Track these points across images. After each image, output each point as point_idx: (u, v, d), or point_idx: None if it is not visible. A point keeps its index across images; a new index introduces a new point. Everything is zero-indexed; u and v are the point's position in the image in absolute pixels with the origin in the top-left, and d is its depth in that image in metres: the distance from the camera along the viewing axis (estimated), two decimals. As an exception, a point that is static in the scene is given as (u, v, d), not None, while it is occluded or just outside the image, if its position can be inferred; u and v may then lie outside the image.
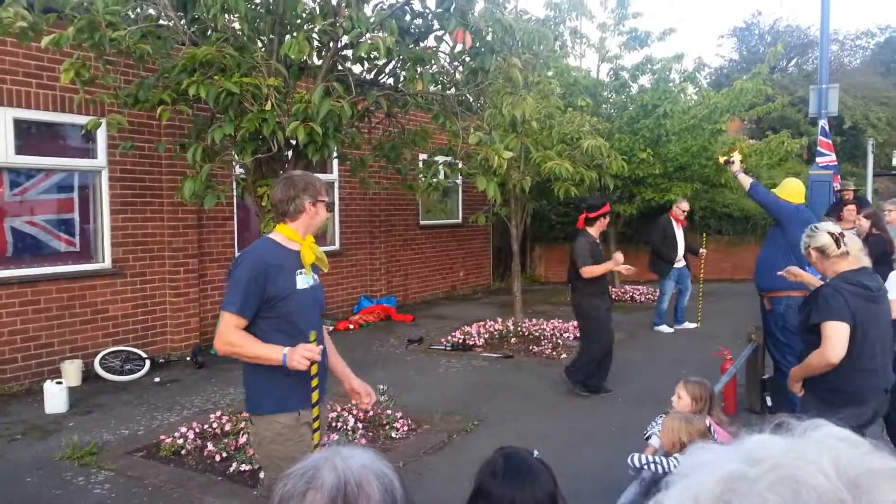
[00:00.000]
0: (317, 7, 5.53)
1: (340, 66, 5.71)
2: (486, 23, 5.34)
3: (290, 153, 5.48)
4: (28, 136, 7.44)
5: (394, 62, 5.85)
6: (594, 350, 7.04)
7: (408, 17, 5.69)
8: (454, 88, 6.23)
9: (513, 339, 9.42)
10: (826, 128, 11.61)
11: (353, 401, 3.60)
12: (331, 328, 9.86)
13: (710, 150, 12.18)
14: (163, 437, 5.59)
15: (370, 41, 4.87)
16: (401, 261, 12.90)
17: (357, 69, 5.97)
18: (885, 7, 51.07)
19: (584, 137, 8.76)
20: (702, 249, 10.44)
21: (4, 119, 7.12)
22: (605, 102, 13.70)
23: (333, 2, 5.40)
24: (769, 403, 6.25)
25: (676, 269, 10.32)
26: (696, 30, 58.63)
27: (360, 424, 5.85)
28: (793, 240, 5.16)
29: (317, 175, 3.54)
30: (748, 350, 6.28)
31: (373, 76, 6.05)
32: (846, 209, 7.87)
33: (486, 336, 9.51)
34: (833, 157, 11.67)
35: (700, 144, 11.97)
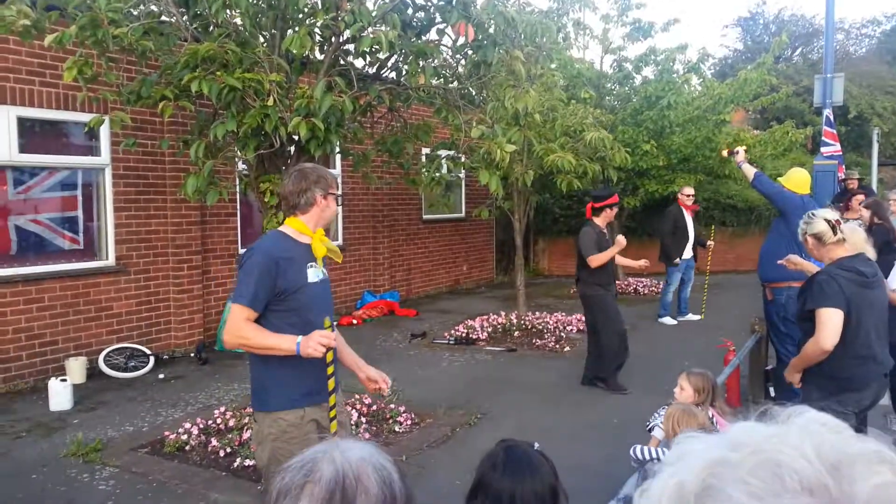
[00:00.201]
0: (318, 1, 5.51)
1: (342, 61, 5.69)
2: (489, 15, 5.32)
3: (293, 149, 5.48)
4: (32, 135, 7.46)
5: (396, 56, 5.84)
6: (608, 342, 6.92)
7: (410, 11, 5.67)
8: (457, 82, 6.21)
9: (516, 333, 9.42)
10: (831, 117, 11.56)
11: (370, 389, 3.54)
12: (335, 323, 9.86)
13: (714, 142, 12.13)
14: (167, 433, 5.61)
15: (372, 35, 4.85)
16: (404, 255, 12.90)
17: (359, 63, 5.95)
18: (891, -4, 50.72)
19: (588, 130, 8.74)
20: (710, 241, 10.42)
21: (8, 117, 7.13)
22: (609, 94, 13.67)
23: (335, -4, 5.39)
24: (772, 394, 6.25)
25: (684, 260, 10.30)
26: (701, 20, 58.40)
27: (364, 419, 5.86)
28: (796, 230, 5.14)
29: None
30: (751, 341, 6.27)
31: (375, 70, 6.04)
32: (855, 199, 7.83)
33: (490, 330, 9.51)
34: (838, 147, 11.63)
35: (704, 135, 11.92)
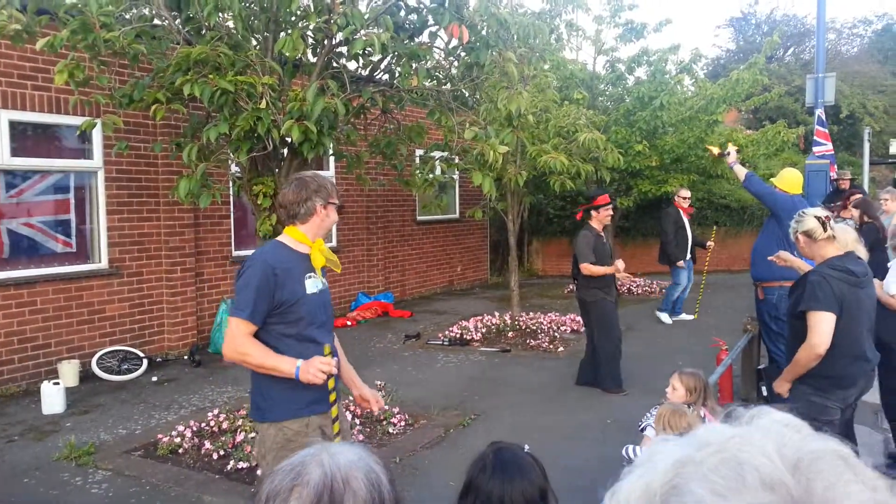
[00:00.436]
0: (311, 4, 5.52)
1: (335, 63, 5.70)
2: (481, 17, 5.33)
3: (286, 151, 5.48)
4: (24, 138, 7.44)
5: (389, 58, 5.84)
6: (606, 347, 6.90)
7: (402, 13, 5.68)
8: (449, 84, 6.22)
9: (510, 333, 9.43)
10: (823, 117, 11.63)
11: (363, 408, 3.51)
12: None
13: (707, 142, 12.18)
14: (160, 436, 5.60)
15: (365, 37, 4.86)
16: (398, 256, 12.90)
17: (352, 66, 5.96)
18: (882, -5, 50.99)
19: (581, 130, 8.76)
20: (710, 242, 10.45)
21: (0, 121, 7.11)
22: (602, 95, 13.71)
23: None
24: (765, 393, 6.27)
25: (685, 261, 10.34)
26: (693, 20, 58.54)
27: (358, 420, 5.87)
28: (788, 230, 5.16)
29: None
30: (743, 340, 6.29)
31: (368, 72, 6.04)
32: (852, 198, 7.83)
33: (484, 330, 9.52)
34: (830, 147, 11.69)
35: (696, 136, 11.96)
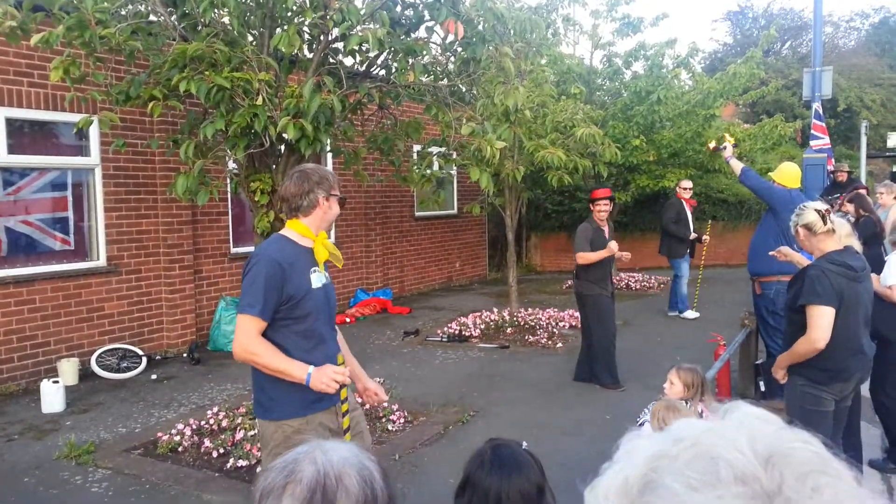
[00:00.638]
0: (307, 0, 5.51)
1: (332, 59, 5.69)
2: (478, 12, 5.32)
3: (283, 147, 5.48)
4: (20, 135, 7.42)
5: (385, 54, 5.84)
6: (600, 342, 6.90)
7: (399, 8, 5.66)
8: (446, 79, 6.21)
9: (509, 329, 9.42)
10: (820, 111, 11.63)
11: (365, 400, 3.52)
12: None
13: (704, 136, 12.18)
14: (160, 435, 5.61)
15: (361, 33, 4.85)
16: (396, 253, 12.90)
17: (348, 61, 5.95)
18: (879, -12, 50.82)
19: (578, 125, 8.76)
20: (705, 236, 10.46)
21: (-5, 118, 7.10)
22: (599, 90, 13.69)
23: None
24: (762, 388, 6.28)
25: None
26: (690, 14, 58.49)
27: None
28: (785, 225, 5.15)
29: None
30: (741, 335, 6.30)
31: (364, 68, 6.03)
32: (857, 192, 7.82)
33: (483, 327, 9.52)
34: (827, 140, 11.70)
35: (694, 130, 11.95)
